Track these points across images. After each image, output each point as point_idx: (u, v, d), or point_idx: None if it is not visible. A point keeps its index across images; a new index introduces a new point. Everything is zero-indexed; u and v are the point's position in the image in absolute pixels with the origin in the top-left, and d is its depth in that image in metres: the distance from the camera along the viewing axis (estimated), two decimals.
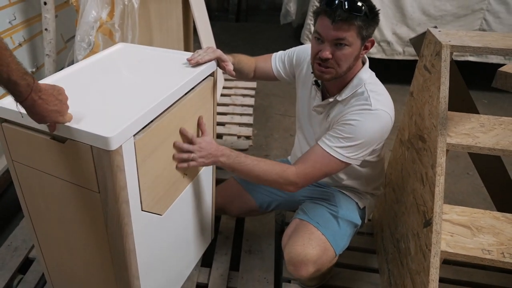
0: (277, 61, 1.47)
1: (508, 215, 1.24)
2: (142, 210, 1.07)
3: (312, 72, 1.28)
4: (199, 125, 1.24)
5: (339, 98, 1.27)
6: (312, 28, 3.39)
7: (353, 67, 1.22)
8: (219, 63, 1.29)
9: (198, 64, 1.22)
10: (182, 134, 1.17)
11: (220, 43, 4.38)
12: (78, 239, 1.14)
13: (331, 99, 1.28)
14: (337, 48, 1.16)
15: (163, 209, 1.18)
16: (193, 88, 1.18)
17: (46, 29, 2.01)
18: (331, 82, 1.25)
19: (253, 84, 2.96)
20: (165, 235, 1.25)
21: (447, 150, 1.20)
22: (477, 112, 1.46)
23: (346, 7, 1.11)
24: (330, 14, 1.13)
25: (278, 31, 4.98)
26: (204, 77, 1.24)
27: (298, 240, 1.33)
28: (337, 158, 1.21)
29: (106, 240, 1.07)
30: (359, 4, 1.12)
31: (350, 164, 1.24)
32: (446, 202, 1.29)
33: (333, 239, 1.35)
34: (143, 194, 1.04)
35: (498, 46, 1.21)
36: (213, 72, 1.28)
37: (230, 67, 1.29)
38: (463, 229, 1.19)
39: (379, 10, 1.18)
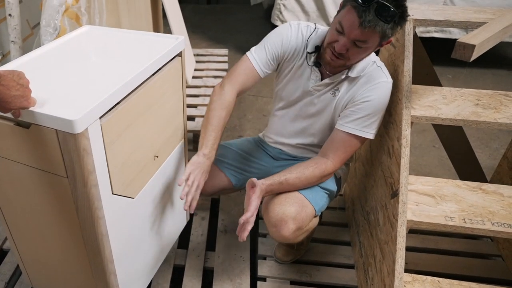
0: (262, 67, 1.36)
1: (469, 183, 1.30)
2: (113, 194, 1.06)
3: (311, 54, 1.29)
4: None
5: (351, 74, 1.27)
6: (283, 8, 3.41)
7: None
8: None
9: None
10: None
11: (192, 25, 4.32)
12: (51, 227, 1.13)
13: (343, 76, 1.28)
14: (355, 46, 1.15)
15: (135, 192, 1.18)
16: (160, 69, 1.17)
17: (10, 15, 1.93)
18: None
19: (225, 66, 2.94)
20: (138, 218, 1.25)
21: (412, 122, 1.24)
22: (441, 86, 1.50)
23: (379, 12, 1.06)
24: (361, 14, 1.08)
25: (249, 12, 4.94)
26: (172, 57, 1.23)
27: (275, 200, 1.33)
28: (365, 137, 1.28)
29: (78, 226, 1.06)
30: (395, 10, 1.07)
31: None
32: (414, 174, 1.34)
33: (311, 197, 1.36)
34: (113, 177, 1.04)
35: (459, 19, 1.25)
36: (181, 52, 1.27)
37: None
38: (427, 198, 1.24)
39: (409, 15, 1.15)
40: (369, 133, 1.28)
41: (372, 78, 1.26)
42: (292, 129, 1.49)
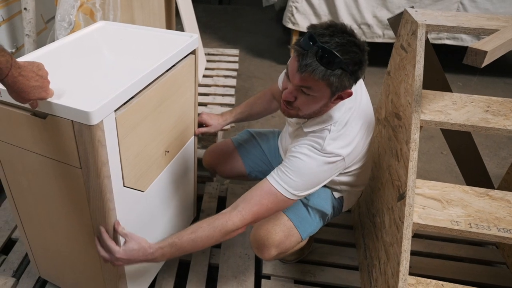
0: None
1: (476, 188, 1.30)
2: (124, 186, 1.08)
3: None
4: (115, 231, 1.09)
5: (304, 129, 1.18)
6: (295, 11, 3.42)
7: (321, 112, 1.12)
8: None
9: None
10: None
11: (203, 25, 4.35)
12: (61, 217, 1.15)
13: (302, 124, 1.20)
14: (302, 93, 1.06)
15: (145, 185, 1.20)
16: (174, 65, 1.19)
17: (25, 9, 1.98)
18: None
19: (235, 66, 2.96)
20: (147, 211, 1.27)
21: (421, 127, 1.25)
22: (451, 92, 1.51)
23: (319, 56, 0.97)
24: (299, 57, 1.00)
25: (261, 13, 4.96)
26: (186, 55, 1.25)
27: (264, 224, 1.31)
28: (283, 195, 1.10)
29: (89, 217, 1.08)
30: (336, 59, 0.96)
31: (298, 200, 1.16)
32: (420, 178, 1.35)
33: (300, 224, 1.33)
34: (125, 169, 1.06)
35: (471, 26, 1.25)
36: (195, 50, 1.29)
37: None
38: (434, 202, 1.25)
39: (364, 63, 1.02)
40: (288, 192, 1.10)
41: (315, 142, 1.12)
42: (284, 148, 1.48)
